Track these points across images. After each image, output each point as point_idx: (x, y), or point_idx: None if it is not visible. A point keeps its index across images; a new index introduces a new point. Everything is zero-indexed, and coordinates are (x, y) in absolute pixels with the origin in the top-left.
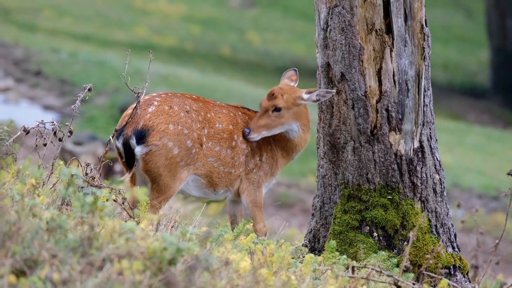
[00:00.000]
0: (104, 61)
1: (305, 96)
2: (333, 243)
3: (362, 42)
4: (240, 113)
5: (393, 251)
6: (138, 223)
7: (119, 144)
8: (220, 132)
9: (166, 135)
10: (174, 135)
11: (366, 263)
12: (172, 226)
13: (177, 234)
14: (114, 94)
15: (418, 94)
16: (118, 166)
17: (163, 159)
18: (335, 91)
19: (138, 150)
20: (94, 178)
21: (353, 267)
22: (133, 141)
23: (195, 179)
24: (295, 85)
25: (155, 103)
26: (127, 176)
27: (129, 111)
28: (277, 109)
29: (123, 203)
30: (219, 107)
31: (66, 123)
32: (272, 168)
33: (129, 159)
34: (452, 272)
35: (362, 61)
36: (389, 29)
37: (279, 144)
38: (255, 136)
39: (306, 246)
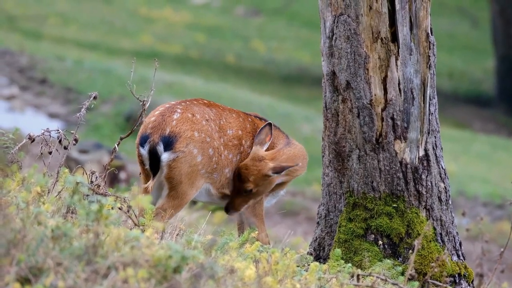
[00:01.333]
0: (110, 69)
1: (273, 175)
2: (338, 251)
3: (368, 50)
4: (249, 119)
5: (398, 259)
6: (143, 231)
7: (143, 151)
8: (232, 139)
9: (192, 141)
10: (199, 142)
11: (371, 271)
12: (177, 234)
13: (182, 242)
14: (120, 102)
15: (423, 103)
16: (123, 174)
17: (186, 166)
18: (300, 164)
19: (165, 156)
20: (99, 186)
21: (358, 275)
22: (160, 148)
23: (206, 187)
24: (268, 144)
25: (179, 110)
26: (150, 183)
27: (152, 118)
28: (247, 192)
29: (128, 211)
30: (228, 111)
31: (72, 131)
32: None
33: (153, 166)
34: (457, 281)
35: (367, 69)
36: (394, 38)
37: None
38: (237, 213)
39: (311, 254)
